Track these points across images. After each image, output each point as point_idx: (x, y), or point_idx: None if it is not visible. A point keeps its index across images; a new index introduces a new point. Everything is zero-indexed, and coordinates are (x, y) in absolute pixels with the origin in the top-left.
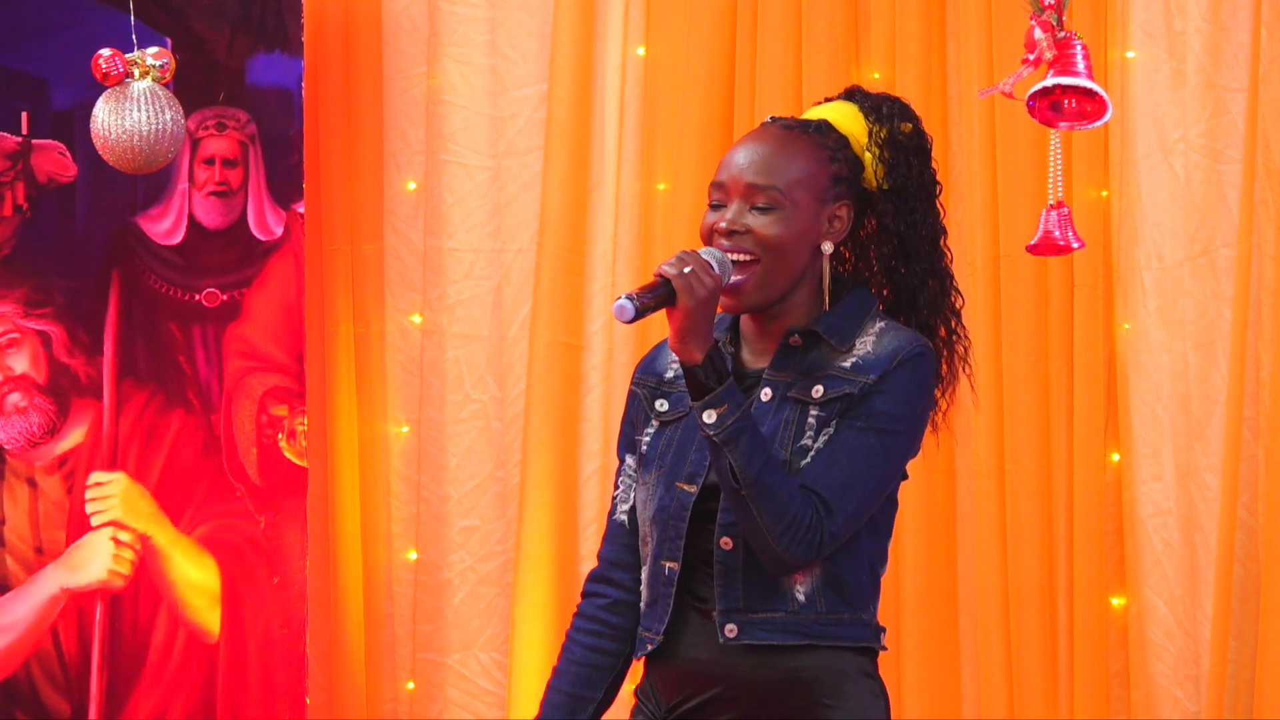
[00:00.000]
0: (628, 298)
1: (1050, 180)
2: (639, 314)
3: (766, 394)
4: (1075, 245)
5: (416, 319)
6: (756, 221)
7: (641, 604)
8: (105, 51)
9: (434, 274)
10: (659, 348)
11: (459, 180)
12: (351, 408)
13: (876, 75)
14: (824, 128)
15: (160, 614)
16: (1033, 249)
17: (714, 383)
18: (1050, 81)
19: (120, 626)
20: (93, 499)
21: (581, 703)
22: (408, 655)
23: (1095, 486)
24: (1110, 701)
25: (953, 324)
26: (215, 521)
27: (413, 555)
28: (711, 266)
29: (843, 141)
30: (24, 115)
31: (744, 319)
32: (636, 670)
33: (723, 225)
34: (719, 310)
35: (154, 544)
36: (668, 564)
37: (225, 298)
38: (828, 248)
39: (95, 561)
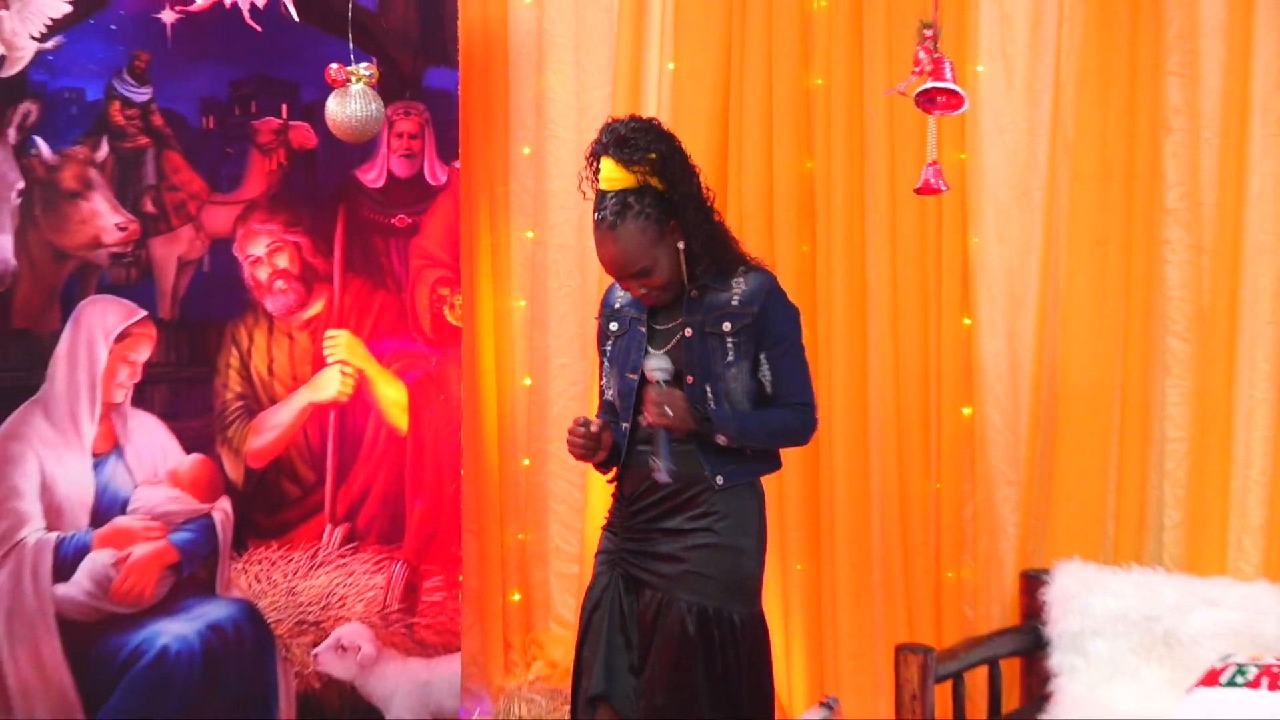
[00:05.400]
0: (664, 466)
1: (929, 147)
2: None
3: (689, 332)
4: (944, 189)
5: (530, 234)
6: (649, 279)
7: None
8: (334, 65)
9: (541, 207)
10: (611, 286)
11: (556, 147)
12: (489, 289)
13: (820, 81)
14: (627, 203)
15: (370, 418)
16: (918, 191)
17: (706, 426)
18: (929, 85)
19: (345, 427)
20: (328, 347)
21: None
22: (524, 443)
23: (953, 338)
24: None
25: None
26: (404, 360)
27: (527, 381)
28: (669, 381)
29: (641, 195)
30: (284, 107)
31: None
32: (599, 524)
33: (638, 294)
34: (646, 302)
35: (366, 375)
36: (624, 424)
37: (410, 220)
38: (682, 245)
39: (330, 385)
